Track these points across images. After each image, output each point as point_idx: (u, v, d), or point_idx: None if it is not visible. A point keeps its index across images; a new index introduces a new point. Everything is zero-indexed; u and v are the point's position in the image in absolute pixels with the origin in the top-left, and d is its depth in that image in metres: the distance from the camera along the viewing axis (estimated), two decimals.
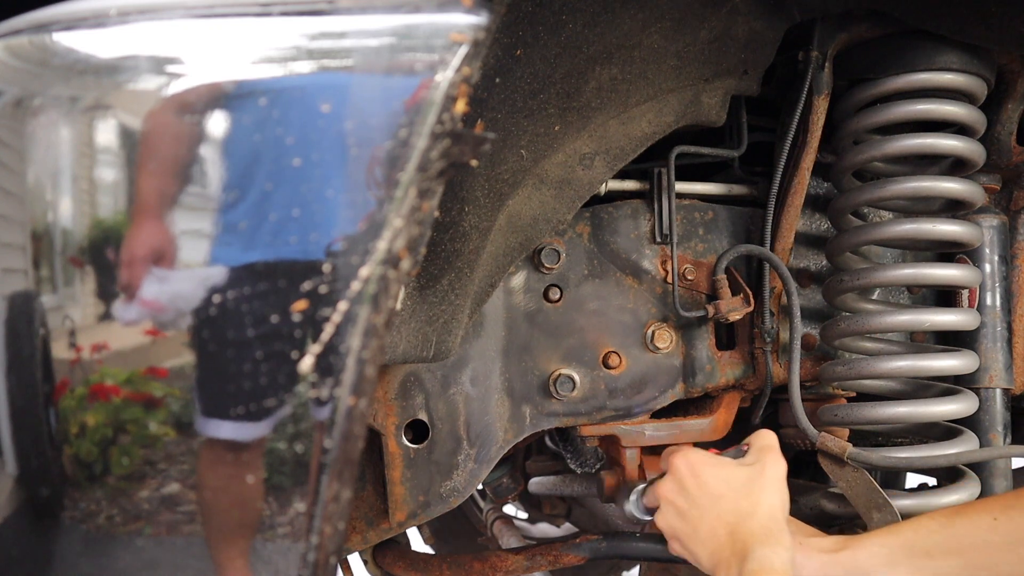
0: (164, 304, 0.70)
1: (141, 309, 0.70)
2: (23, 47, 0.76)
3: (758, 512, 1.01)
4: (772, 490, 1.04)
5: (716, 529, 1.03)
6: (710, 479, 1.07)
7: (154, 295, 0.70)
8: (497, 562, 1.30)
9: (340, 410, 0.67)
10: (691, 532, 1.06)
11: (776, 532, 0.99)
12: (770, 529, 0.99)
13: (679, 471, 1.10)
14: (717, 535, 1.02)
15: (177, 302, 0.70)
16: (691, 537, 1.06)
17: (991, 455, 1.26)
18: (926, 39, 1.19)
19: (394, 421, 1.26)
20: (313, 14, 0.72)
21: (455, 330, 1.09)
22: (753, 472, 1.06)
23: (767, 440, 1.13)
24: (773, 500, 1.03)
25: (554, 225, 1.18)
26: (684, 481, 1.09)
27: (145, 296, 0.70)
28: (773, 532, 0.99)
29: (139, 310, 0.70)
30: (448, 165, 0.69)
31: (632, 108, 1.18)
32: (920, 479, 1.54)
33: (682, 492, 1.09)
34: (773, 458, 1.09)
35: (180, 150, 0.71)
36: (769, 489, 1.04)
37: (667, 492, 1.11)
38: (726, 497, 1.04)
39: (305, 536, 0.70)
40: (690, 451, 1.12)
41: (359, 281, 0.67)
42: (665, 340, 1.32)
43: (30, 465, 0.74)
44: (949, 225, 1.22)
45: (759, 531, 0.99)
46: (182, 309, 0.70)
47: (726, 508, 1.03)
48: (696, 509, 1.06)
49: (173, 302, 0.70)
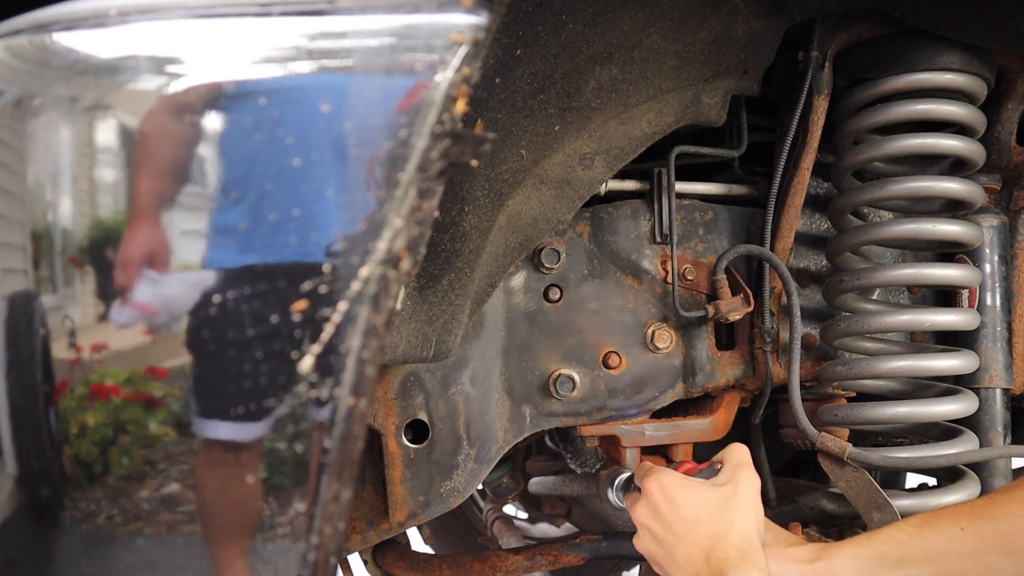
0: (164, 304, 0.70)
1: (135, 311, 0.70)
2: (23, 47, 0.76)
3: (732, 534, 1.02)
4: (745, 509, 1.05)
5: (692, 554, 1.03)
6: (684, 503, 1.07)
7: (153, 296, 0.70)
8: (497, 562, 1.31)
9: (340, 410, 0.67)
10: (668, 557, 1.07)
11: (751, 554, 1.01)
12: (744, 551, 1.01)
13: (652, 496, 1.10)
14: (693, 560, 1.03)
15: (177, 302, 0.70)
16: (669, 562, 1.07)
17: (991, 455, 1.26)
18: (926, 39, 1.19)
19: (394, 421, 1.26)
20: (313, 14, 0.72)
21: (455, 330, 1.09)
22: (726, 492, 1.07)
23: (739, 456, 1.13)
24: (747, 520, 1.04)
25: (554, 225, 1.18)
26: (658, 506, 1.09)
27: (144, 297, 0.70)
28: (748, 554, 1.00)
29: (133, 312, 0.70)
30: (448, 165, 0.69)
31: (632, 108, 1.18)
32: (920, 479, 1.54)
33: (656, 517, 1.09)
34: (746, 475, 1.09)
35: (179, 150, 0.71)
36: (742, 508, 1.05)
37: (642, 517, 1.11)
38: (700, 521, 1.05)
39: (305, 536, 0.70)
40: (663, 473, 1.12)
41: (359, 281, 0.67)
42: (665, 340, 1.32)
43: (30, 465, 0.74)
44: (949, 225, 1.22)
45: (734, 554, 1.00)
46: (182, 309, 0.70)
47: (701, 532, 1.04)
48: (672, 535, 1.07)
49: (173, 302, 0.70)
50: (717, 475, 1.12)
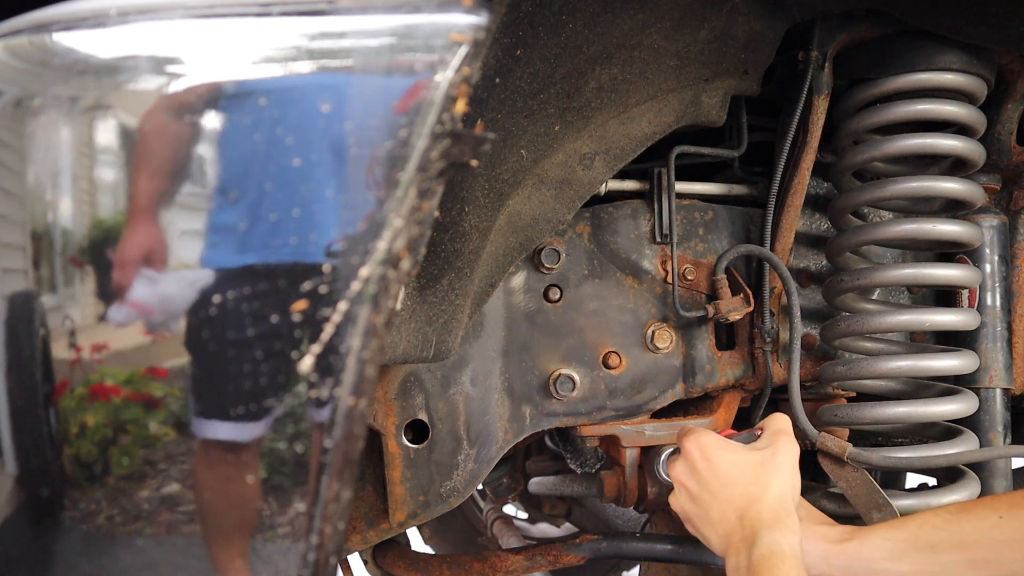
0: (163, 304, 0.70)
1: (131, 311, 0.70)
2: (23, 47, 0.76)
3: (767, 496, 1.02)
4: (782, 474, 1.05)
5: (726, 513, 1.04)
6: (721, 463, 1.07)
7: (152, 295, 0.70)
8: (497, 562, 1.30)
9: (340, 410, 0.67)
10: (702, 515, 1.08)
11: (784, 516, 1.00)
12: (779, 513, 1.00)
13: (691, 454, 1.11)
14: (727, 519, 1.03)
15: (177, 302, 0.70)
16: (703, 520, 1.08)
17: (991, 455, 1.26)
18: (926, 39, 1.19)
19: (394, 421, 1.26)
20: (313, 14, 0.72)
21: (455, 330, 1.09)
22: (764, 456, 1.07)
23: (780, 424, 1.13)
24: (783, 484, 1.04)
25: (554, 225, 1.18)
26: (696, 465, 1.09)
27: (142, 297, 0.70)
28: (781, 516, 1.00)
29: (132, 311, 0.70)
30: (448, 165, 0.69)
31: (632, 108, 1.18)
32: (920, 479, 1.54)
33: (693, 475, 1.10)
34: (785, 442, 1.09)
35: (178, 150, 0.71)
36: (780, 473, 1.05)
37: (679, 475, 1.12)
38: (736, 481, 1.05)
39: (305, 536, 0.70)
40: (702, 434, 1.13)
41: (359, 281, 0.67)
42: (665, 340, 1.32)
43: (30, 465, 0.74)
44: (949, 225, 1.22)
45: (768, 515, 1.00)
46: (182, 309, 0.70)
47: (736, 492, 1.04)
48: (707, 493, 1.07)
49: (174, 302, 0.70)
50: (756, 440, 1.12)
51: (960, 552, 0.99)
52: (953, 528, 1.00)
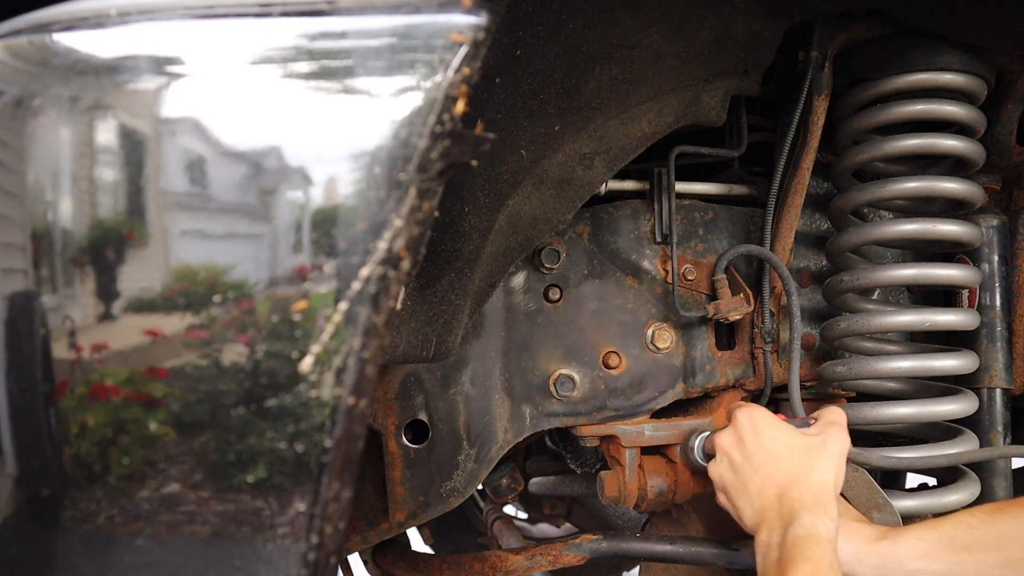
0: None
1: None
2: (23, 47, 0.76)
3: (810, 479, 1.02)
4: (828, 462, 1.05)
5: (765, 488, 1.04)
6: (769, 439, 1.08)
7: None
8: (497, 562, 1.30)
9: (340, 410, 0.67)
10: (740, 486, 1.08)
11: (825, 502, 1.00)
12: (819, 498, 1.00)
13: (741, 425, 1.11)
14: (765, 494, 1.03)
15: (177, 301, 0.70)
16: (739, 491, 1.08)
17: (991, 455, 1.26)
18: (926, 39, 1.19)
19: (394, 421, 1.26)
20: (313, 14, 0.72)
21: (455, 330, 1.09)
22: (814, 442, 1.07)
23: (835, 416, 1.14)
24: (827, 471, 1.04)
25: (554, 225, 1.18)
26: (744, 435, 1.10)
27: None
28: (822, 501, 1.00)
29: None
30: (448, 165, 0.69)
31: (632, 108, 1.18)
32: (920, 479, 1.54)
33: (739, 445, 1.10)
34: (837, 433, 1.09)
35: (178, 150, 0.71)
36: (826, 460, 1.05)
37: (725, 443, 1.12)
38: (782, 459, 1.05)
39: (305, 536, 0.70)
40: (755, 408, 1.14)
41: (359, 281, 0.67)
42: (665, 340, 1.32)
43: (30, 465, 0.74)
44: (949, 225, 1.22)
45: (808, 498, 1.00)
46: (182, 309, 0.70)
47: (779, 469, 1.04)
48: (749, 465, 1.08)
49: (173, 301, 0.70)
50: (809, 427, 1.13)
51: (995, 552, 0.98)
52: (988, 528, 1.00)
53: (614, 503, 1.37)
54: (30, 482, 0.74)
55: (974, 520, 1.01)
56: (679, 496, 1.33)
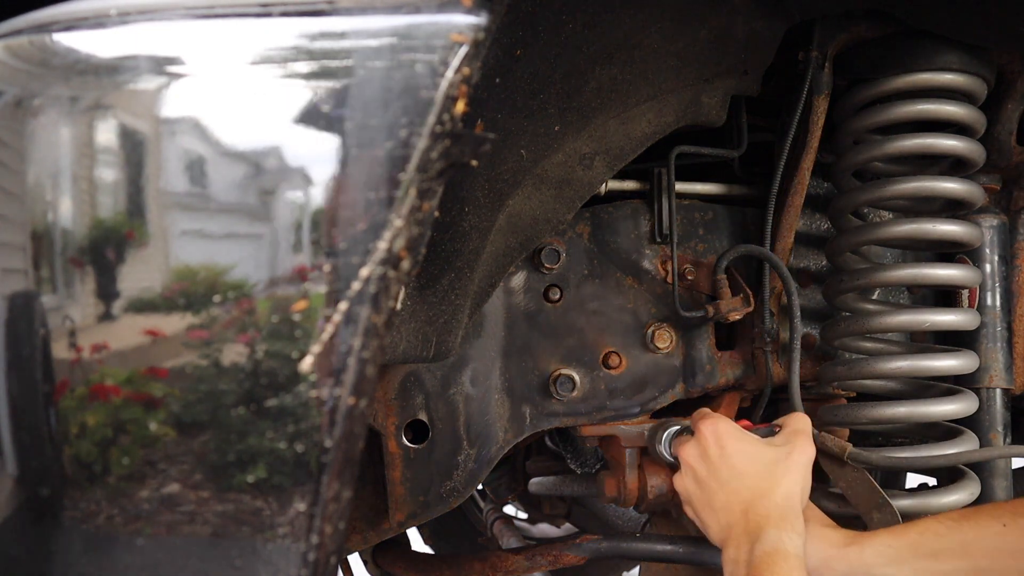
0: None
1: None
2: (23, 47, 0.76)
3: (775, 493, 1.01)
4: (794, 474, 1.04)
5: (731, 504, 1.03)
6: (734, 453, 1.06)
7: None
8: (497, 562, 1.30)
9: (340, 410, 0.67)
10: (705, 501, 1.07)
11: (791, 516, 0.99)
12: (785, 512, 0.99)
13: (705, 439, 1.09)
14: (731, 510, 1.02)
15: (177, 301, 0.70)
16: (704, 506, 1.07)
17: (991, 455, 1.26)
18: (926, 39, 1.19)
19: (394, 421, 1.26)
20: (313, 14, 0.72)
21: (455, 330, 1.09)
22: (779, 454, 1.06)
23: (800, 424, 1.12)
24: (793, 484, 1.03)
25: (554, 225, 1.18)
26: (708, 449, 1.08)
27: None
28: (787, 516, 0.99)
29: None
30: (448, 165, 0.69)
31: (632, 108, 1.18)
32: (920, 479, 1.54)
33: (703, 459, 1.08)
34: (802, 442, 1.08)
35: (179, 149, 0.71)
36: (792, 472, 1.04)
37: (689, 457, 1.11)
38: (746, 474, 1.04)
39: (305, 536, 0.70)
40: (720, 420, 1.12)
41: (359, 281, 0.67)
42: (665, 340, 1.32)
43: (30, 465, 0.74)
44: (949, 225, 1.22)
45: (774, 513, 0.99)
46: (182, 309, 0.70)
47: (745, 484, 1.03)
48: (714, 480, 1.06)
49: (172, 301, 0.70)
50: (774, 436, 1.11)
51: (962, 560, 0.98)
52: (955, 536, 0.99)
53: (614, 503, 1.37)
54: (30, 482, 0.74)
55: (942, 527, 1.01)
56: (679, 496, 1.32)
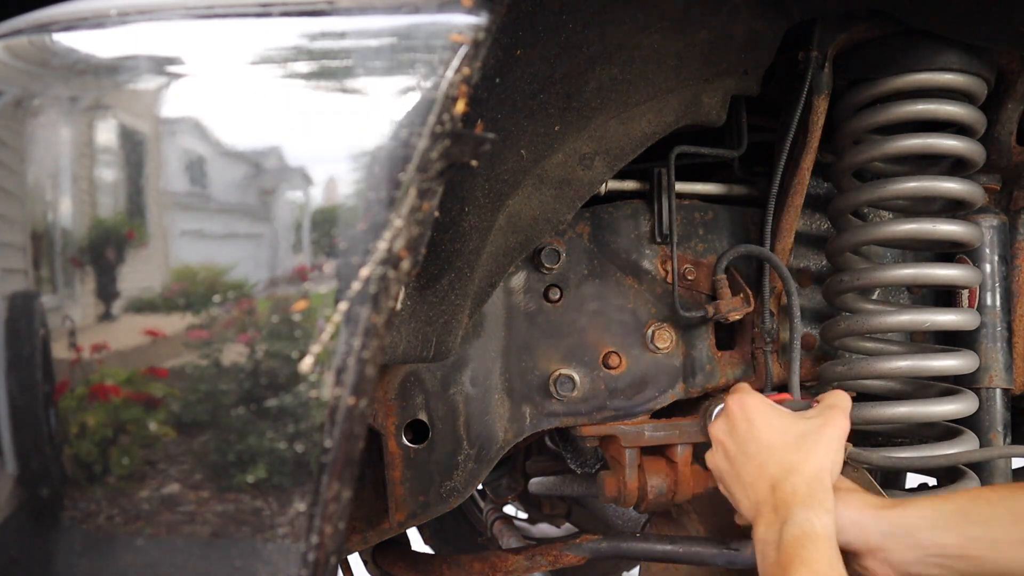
0: None
1: None
2: (23, 47, 0.76)
3: (804, 469, 0.98)
4: (824, 449, 1.00)
5: (758, 479, 1.00)
6: (762, 427, 1.04)
7: None
8: (497, 562, 1.30)
9: (340, 410, 0.67)
10: (735, 476, 1.05)
11: (819, 493, 0.96)
12: (814, 489, 0.96)
13: (733, 413, 1.08)
14: (759, 485, 1.00)
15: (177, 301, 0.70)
16: (734, 481, 1.05)
17: (991, 455, 1.26)
18: (926, 39, 1.19)
19: (394, 421, 1.26)
20: (313, 14, 0.72)
21: (455, 330, 1.09)
22: (810, 427, 1.03)
23: (836, 399, 1.09)
24: (822, 459, 0.99)
25: (554, 225, 1.18)
26: (736, 424, 1.07)
27: None
28: (816, 493, 0.96)
29: None
30: (448, 165, 0.69)
31: (632, 108, 1.18)
32: (920, 479, 1.54)
33: (732, 434, 1.07)
34: (836, 417, 1.05)
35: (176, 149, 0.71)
36: (822, 447, 1.00)
37: (718, 432, 1.10)
38: (775, 447, 1.01)
39: (305, 536, 0.70)
40: (749, 393, 1.10)
41: (359, 281, 0.67)
42: (665, 340, 1.32)
43: (30, 465, 0.74)
44: (949, 225, 1.22)
45: (802, 490, 0.96)
46: (182, 309, 0.70)
47: (773, 459, 1.00)
48: (743, 455, 1.04)
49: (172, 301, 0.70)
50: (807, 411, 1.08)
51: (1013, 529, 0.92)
52: (1009, 503, 0.94)
53: (614, 503, 1.37)
54: (30, 482, 0.74)
55: (994, 495, 0.97)
56: (679, 496, 1.33)
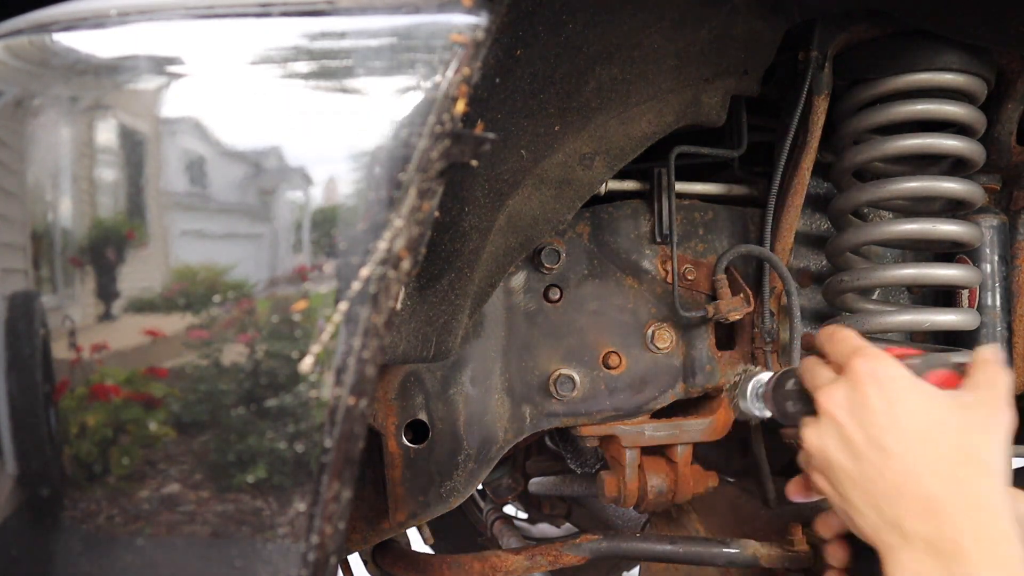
0: None
1: None
2: (23, 47, 0.76)
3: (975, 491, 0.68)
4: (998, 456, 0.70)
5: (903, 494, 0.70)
6: (908, 412, 0.73)
7: None
8: (497, 562, 1.30)
9: (340, 410, 0.67)
10: (857, 476, 0.74)
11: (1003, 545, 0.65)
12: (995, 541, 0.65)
13: (863, 383, 0.75)
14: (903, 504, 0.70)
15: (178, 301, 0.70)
16: (854, 484, 0.74)
17: None
18: (926, 39, 1.19)
19: (394, 421, 1.26)
20: (313, 14, 0.72)
21: (455, 330, 1.09)
22: (971, 421, 0.72)
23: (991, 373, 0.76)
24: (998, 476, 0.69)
25: (554, 225, 1.18)
26: (868, 399, 0.74)
27: None
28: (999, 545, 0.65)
29: None
30: (448, 165, 0.69)
31: (632, 108, 1.18)
32: None
33: (860, 412, 0.75)
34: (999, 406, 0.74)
35: (177, 149, 0.71)
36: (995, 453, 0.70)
37: (835, 404, 0.78)
38: (928, 449, 0.70)
39: (305, 536, 0.70)
40: (883, 359, 0.77)
41: (359, 281, 0.67)
42: (665, 340, 1.32)
43: (30, 465, 0.74)
44: (949, 225, 1.22)
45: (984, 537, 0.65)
46: (182, 309, 0.70)
47: (927, 467, 0.69)
48: (876, 449, 0.72)
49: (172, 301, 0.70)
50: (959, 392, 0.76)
51: None
52: None
53: (614, 503, 1.37)
54: (30, 482, 0.74)
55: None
56: (679, 496, 1.33)
